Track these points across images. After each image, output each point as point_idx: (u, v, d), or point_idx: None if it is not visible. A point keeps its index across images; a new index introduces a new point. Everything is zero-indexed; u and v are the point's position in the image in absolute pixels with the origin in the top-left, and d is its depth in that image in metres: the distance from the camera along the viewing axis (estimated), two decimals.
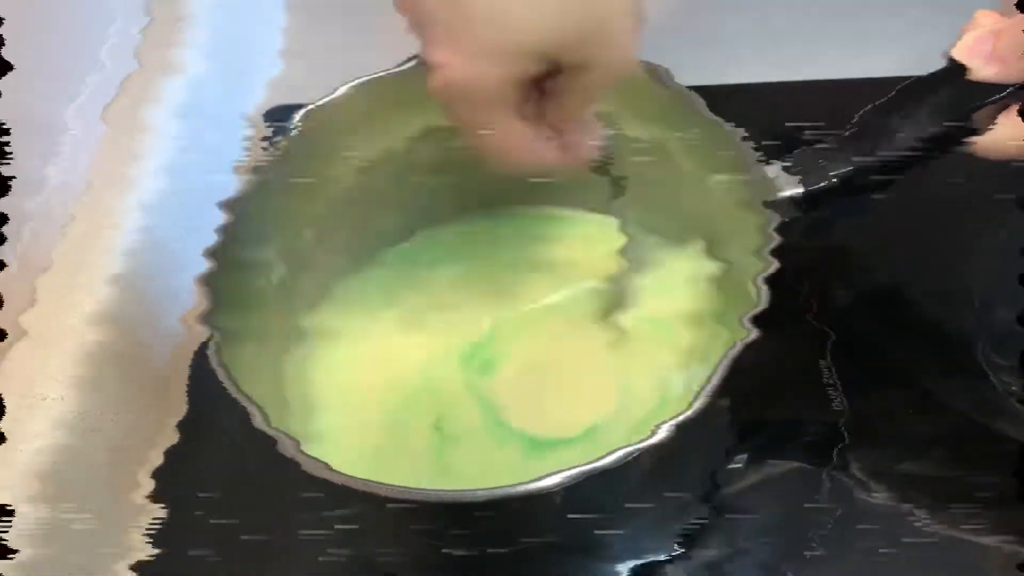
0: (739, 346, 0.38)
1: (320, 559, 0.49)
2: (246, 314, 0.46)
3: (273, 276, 0.49)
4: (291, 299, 0.51)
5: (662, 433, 0.36)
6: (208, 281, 0.43)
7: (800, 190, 0.44)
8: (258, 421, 0.38)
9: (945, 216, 0.58)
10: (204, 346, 0.57)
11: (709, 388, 0.37)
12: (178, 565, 0.50)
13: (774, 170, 0.45)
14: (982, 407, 0.50)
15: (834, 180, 0.44)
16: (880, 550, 0.46)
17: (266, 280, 0.48)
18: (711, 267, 0.50)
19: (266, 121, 0.68)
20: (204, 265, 0.61)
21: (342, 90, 0.49)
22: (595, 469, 0.35)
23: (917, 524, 0.47)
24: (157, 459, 0.54)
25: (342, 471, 0.37)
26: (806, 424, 0.50)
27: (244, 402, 0.38)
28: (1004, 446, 0.49)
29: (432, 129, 0.50)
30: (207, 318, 0.41)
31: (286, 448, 0.37)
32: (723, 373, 0.38)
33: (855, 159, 0.45)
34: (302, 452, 0.37)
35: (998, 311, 0.53)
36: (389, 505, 0.37)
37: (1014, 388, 0.50)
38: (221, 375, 0.39)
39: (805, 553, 0.46)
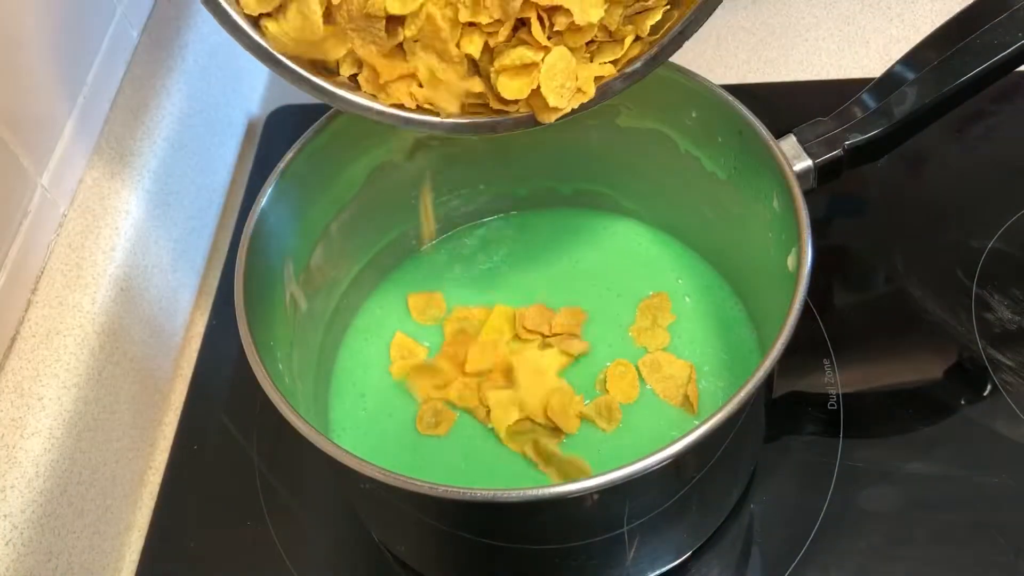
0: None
1: (328, 545, 0.49)
2: (275, 315, 0.45)
3: (301, 275, 0.48)
4: (324, 297, 0.51)
5: (680, 444, 0.35)
6: (238, 282, 0.42)
7: (809, 163, 0.43)
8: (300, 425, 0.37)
9: (945, 215, 0.58)
10: (204, 345, 0.58)
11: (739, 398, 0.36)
12: (179, 562, 0.50)
13: (789, 144, 0.44)
14: (982, 407, 0.50)
15: (845, 149, 0.44)
16: (881, 550, 0.46)
17: (295, 279, 0.48)
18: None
19: (267, 121, 0.68)
20: (203, 264, 0.62)
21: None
22: (626, 476, 0.34)
23: (917, 523, 0.47)
24: (157, 457, 0.54)
25: (376, 464, 0.36)
26: (806, 423, 0.50)
27: (278, 402, 0.38)
28: (1004, 446, 0.49)
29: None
30: (239, 321, 0.41)
31: (326, 447, 0.36)
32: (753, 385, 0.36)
33: (868, 126, 0.44)
34: (348, 453, 0.36)
35: (998, 310, 0.53)
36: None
37: (1014, 388, 0.50)
38: (259, 375, 0.39)
39: (806, 552, 0.46)
